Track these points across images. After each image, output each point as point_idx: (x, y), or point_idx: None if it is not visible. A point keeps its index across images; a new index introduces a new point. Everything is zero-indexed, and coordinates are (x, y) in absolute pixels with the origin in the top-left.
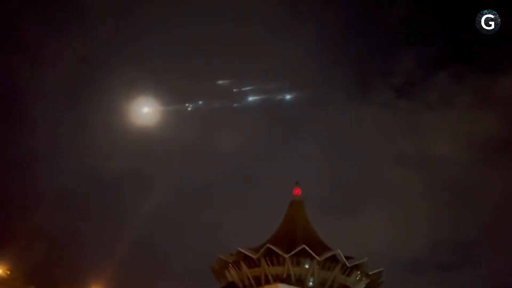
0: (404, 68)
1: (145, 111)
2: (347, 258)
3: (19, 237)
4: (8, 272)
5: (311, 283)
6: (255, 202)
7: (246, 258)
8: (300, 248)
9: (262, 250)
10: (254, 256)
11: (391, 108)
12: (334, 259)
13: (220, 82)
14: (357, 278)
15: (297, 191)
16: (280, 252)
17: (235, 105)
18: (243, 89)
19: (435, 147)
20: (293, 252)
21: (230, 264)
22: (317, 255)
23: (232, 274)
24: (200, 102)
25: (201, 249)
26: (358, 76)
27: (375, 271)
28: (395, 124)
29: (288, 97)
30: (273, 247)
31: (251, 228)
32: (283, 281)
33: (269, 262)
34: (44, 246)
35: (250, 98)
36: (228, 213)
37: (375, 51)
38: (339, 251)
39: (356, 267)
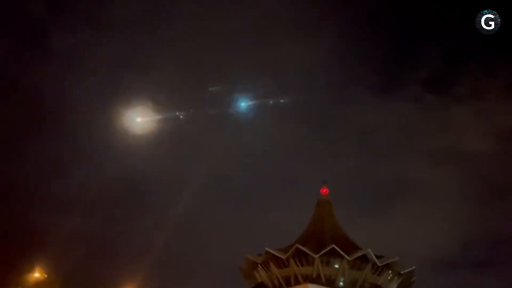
0: (433, 62)
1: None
2: (378, 257)
3: (56, 241)
4: (46, 276)
5: (341, 283)
6: (283, 202)
7: (275, 259)
8: (329, 247)
9: (291, 250)
10: (283, 257)
11: (420, 103)
12: (364, 258)
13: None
14: (389, 277)
15: (325, 191)
16: (309, 252)
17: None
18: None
19: (466, 142)
20: (322, 252)
21: (259, 265)
22: (346, 254)
23: (261, 275)
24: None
25: (230, 250)
26: (385, 71)
27: (407, 269)
28: (424, 120)
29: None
30: (302, 247)
31: (279, 228)
32: (313, 281)
33: (298, 262)
34: (79, 250)
35: (271, 101)
36: (257, 213)
37: (402, 46)
38: (369, 250)
39: (387, 266)
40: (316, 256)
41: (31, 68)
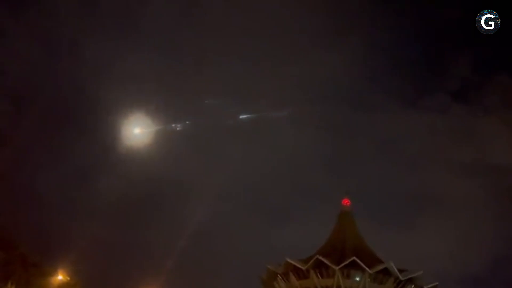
0: (461, 71)
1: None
2: (401, 271)
3: (78, 245)
4: (68, 278)
5: None
6: (304, 212)
7: (295, 269)
8: (350, 260)
9: (311, 262)
10: (303, 267)
11: (447, 114)
12: (386, 272)
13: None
14: None
15: (347, 202)
16: (330, 264)
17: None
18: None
19: (494, 154)
20: (343, 264)
21: (279, 275)
22: (368, 267)
23: (281, 285)
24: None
25: (250, 259)
26: (411, 80)
27: (430, 285)
28: (451, 130)
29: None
30: (322, 259)
31: (300, 239)
32: None
33: (318, 274)
34: (100, 254)
35: (294, 110)
36: (278, 223)
37: (430, 54)
38: (391, 263)
39: (410, 280)
40: (336, 268)
41: (59, 75)
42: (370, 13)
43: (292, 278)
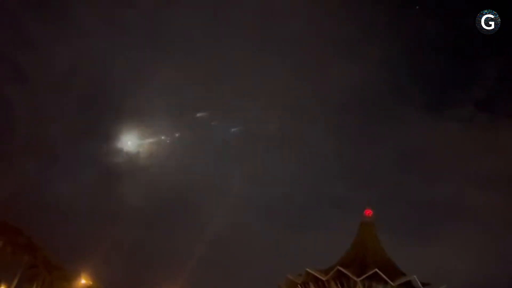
0: (486, 80)
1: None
2: (424, 284)
3: (101, 248)
4: (91, 282)
5: None
6: (325, 222)
7: (315, 280)
8: (372, 271)
9: (332, 272)
10: (323, 278)
11: (471, 123)
12: (409, 285)
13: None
14: None
15: (368, 212)
16: (350, 275)
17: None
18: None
19: None
20: (364, 276)
21: (298, 285)
22: (390, 280)
23: None
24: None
25: (270, 268)
26: (434, 89)
27: None
28: (475, 140)
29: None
30: (343, 270)
31: (320, 249)
32: None
33: (339, 285)
34: (123, 257)
35: (314, 118)
36: (298, 233)
37: (454, 63)
38: (414, 276)
39: None
40: (358, 279)
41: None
42: (392, 22)
43: None
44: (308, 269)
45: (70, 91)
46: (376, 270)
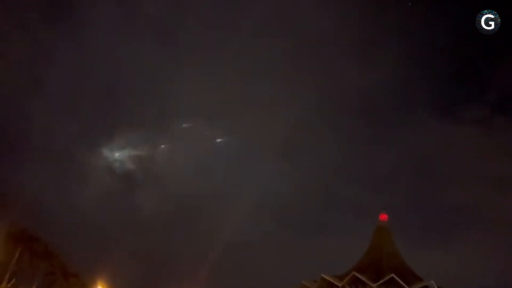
0: (501, 82)
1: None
2: None
3: (116, 256)
4: None
5: None
6: (340, 228)
7: (330, 286)
8: (388, 277)
9: (347, 278)
10: (339, 284)
11: (486, 127)
12: None
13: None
14: None
15: (384, 217)
16: (366, 281)
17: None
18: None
19: None
20: (381, 281)
21: None
22: (407, 285)
23: None
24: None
25: (285, 274)
26: (449, 92)
27: None
28: (491, 144)
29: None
30: (359, 275)
31: (335, 255)
32: None
33: None
34: (138, 264)
35: (328, 123)
36: (313, 239)
37: (469, 65)
38: (432, 281)
39: None
40: (374, 285)
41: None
42: (403, 23)
43: None
44: (323, 275)
45: (85, 100)
46: (393, 275)
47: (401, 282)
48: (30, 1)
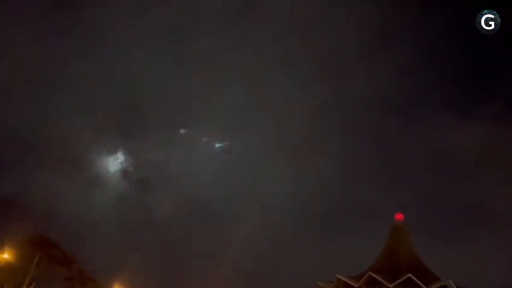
0: None
1: None
2: None
3: (133, 259)
4: None
5: None
6: (355, 228)
7: (346, 286)
8: (405, 277)
9: (363, 278)
10: (355, 285)
11: (503, 123)
12: None
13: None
14: None
15: (399, 216)
16: (383, 281)
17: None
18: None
19: None
20: (398, 282)
21: None
22: (425, 285)
23: None
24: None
25: (300, 275)
26: (464, 88)
27: None
28: (508, 140)
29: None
30: (375, 275)
31: (351, 255)
32: None
33: None
34: (154, 268)
35: (342, 122)
36: (328, 239)
37: (485, 60)
38: (450, 281)
39: None
40: (391, 285)
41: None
42: (418, 20)
43: None
44: (339, 276)
45: (100, 107)
46: (410, 275)
47: (419, 282)
48: (45, 14)
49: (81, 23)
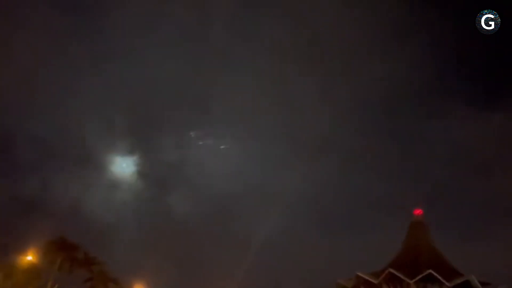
0: None
1: None
2: (483, 284)
3: (153, 259)
4: None
5: None
6: (373, 224)
7: (366, 283)
8: (426, 272)
9: (383, 275)
10: (375, 281)
11: None
12: (467, 285)
13: None
14: None
15: (418, 211)
16: (403, 277)
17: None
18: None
19: None
20: (418, 277)
21: None
22: (446, 280)
23: None
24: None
25: (319, 273)
26: (483, 81)
27: None
28: None
29: None
30: (395, 272)
31: (370, 252)
32: None
33: None
34: (174, 267)
35: (357, 117)
36: (346, 236)
37: (504, 52)
38: (473, 276)
39: None
40: (411, 281)
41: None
42: (436, 11)
43: None
44: (358, 273)
45: (116, 107)
46: (431, 271)
47: (440, 278)
48: (61, 21)
49: (96, 29)
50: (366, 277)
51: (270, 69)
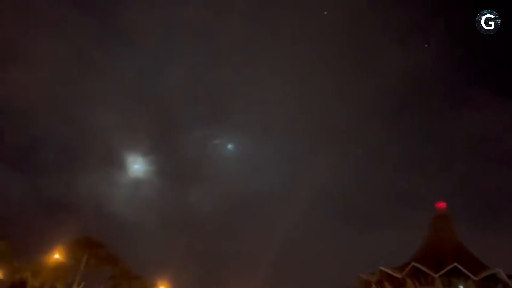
0: None
1: None
2: (510, 276)
3: (176, 256)
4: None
5: None
6: (395, 218)
7: (389, 278)
8: (451, 266)
9: (407, 269)
10: (399, 276)
11: None
12: (493, 278)
13: None
14: None
15: (442, 204)
16: (428, 271)
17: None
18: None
19: None
20: (443, 271)
21: (373, 284)
22: (472, 274)
23: None
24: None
25: (342, 268)
26: (507, 69)
27: None
28: None
29: None
30: (419, 266)
31: (392, 246)
32: None
33: (416, 283)
34: (196, 263)
35: (377, 112)
36: (369, 230)
37: None
38: (499, 270)
39: None
40: (436, 275)
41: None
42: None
43: (387, 287)
44: (382, 267)
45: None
46: (456, 264)
47: (465, 271)
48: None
49: (115, 29)
50: (390, 272)
51: (289, 67)
